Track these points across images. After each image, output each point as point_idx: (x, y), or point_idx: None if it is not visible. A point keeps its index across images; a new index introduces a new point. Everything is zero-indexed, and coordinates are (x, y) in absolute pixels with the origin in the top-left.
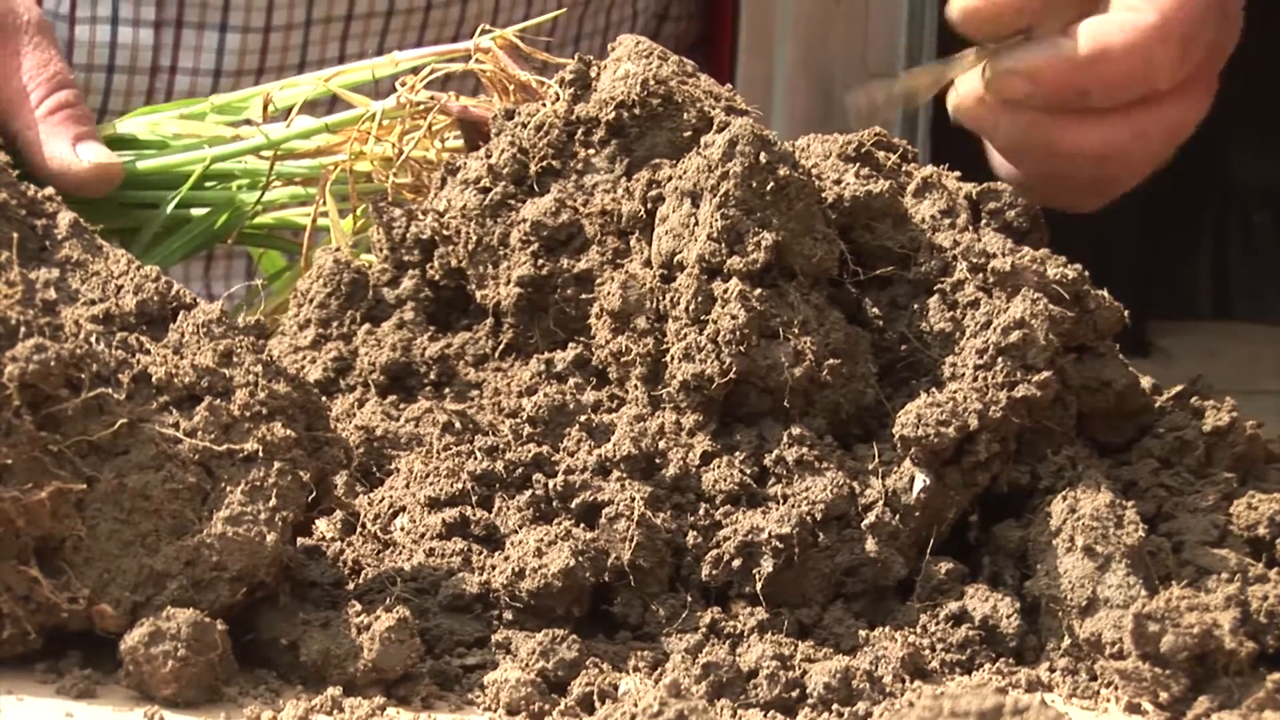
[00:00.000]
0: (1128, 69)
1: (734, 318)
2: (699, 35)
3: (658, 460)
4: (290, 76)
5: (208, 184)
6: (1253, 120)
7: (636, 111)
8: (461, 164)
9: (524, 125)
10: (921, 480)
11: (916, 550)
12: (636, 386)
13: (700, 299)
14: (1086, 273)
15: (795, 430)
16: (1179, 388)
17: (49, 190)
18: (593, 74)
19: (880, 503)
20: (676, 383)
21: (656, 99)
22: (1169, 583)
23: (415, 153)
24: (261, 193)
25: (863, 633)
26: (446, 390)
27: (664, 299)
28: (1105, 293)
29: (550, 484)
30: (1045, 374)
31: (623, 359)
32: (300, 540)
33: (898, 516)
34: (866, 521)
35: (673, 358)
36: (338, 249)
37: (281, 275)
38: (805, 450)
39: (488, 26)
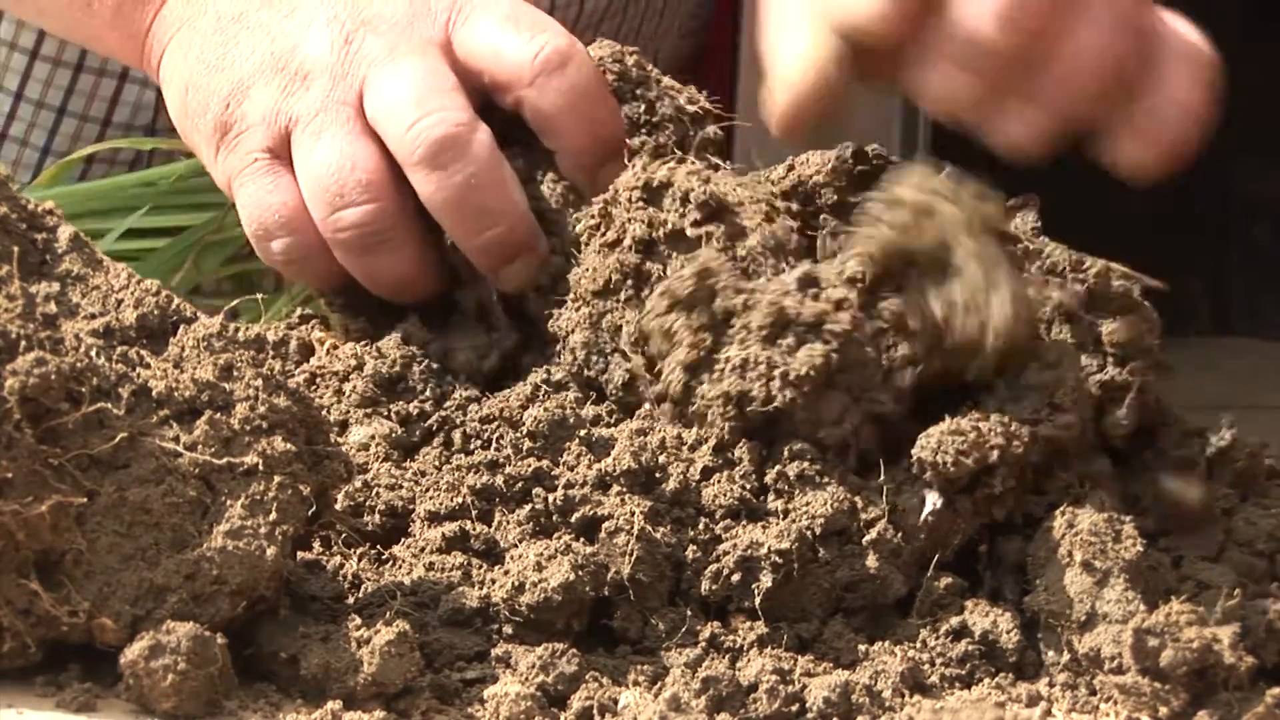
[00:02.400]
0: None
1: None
2: (695, 53)
3: (658, 474)
4: None
5: None
6: (1253, 135)
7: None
8: None
9: None
10: (932, 502)
11: (918, 568)
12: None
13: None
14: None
15: (796, 445)
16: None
17: (49, 204)
18: None
19: (882, 520)
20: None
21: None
22: (1169, 598)
23: None
24: None
25: (862, 647)
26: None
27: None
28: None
29: (550, 498)
30: (1070, 416)
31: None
32: (300, 554)
33: (900, 534)
34: (868, 538)
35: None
36: None
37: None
38: (806, 465)
39: None
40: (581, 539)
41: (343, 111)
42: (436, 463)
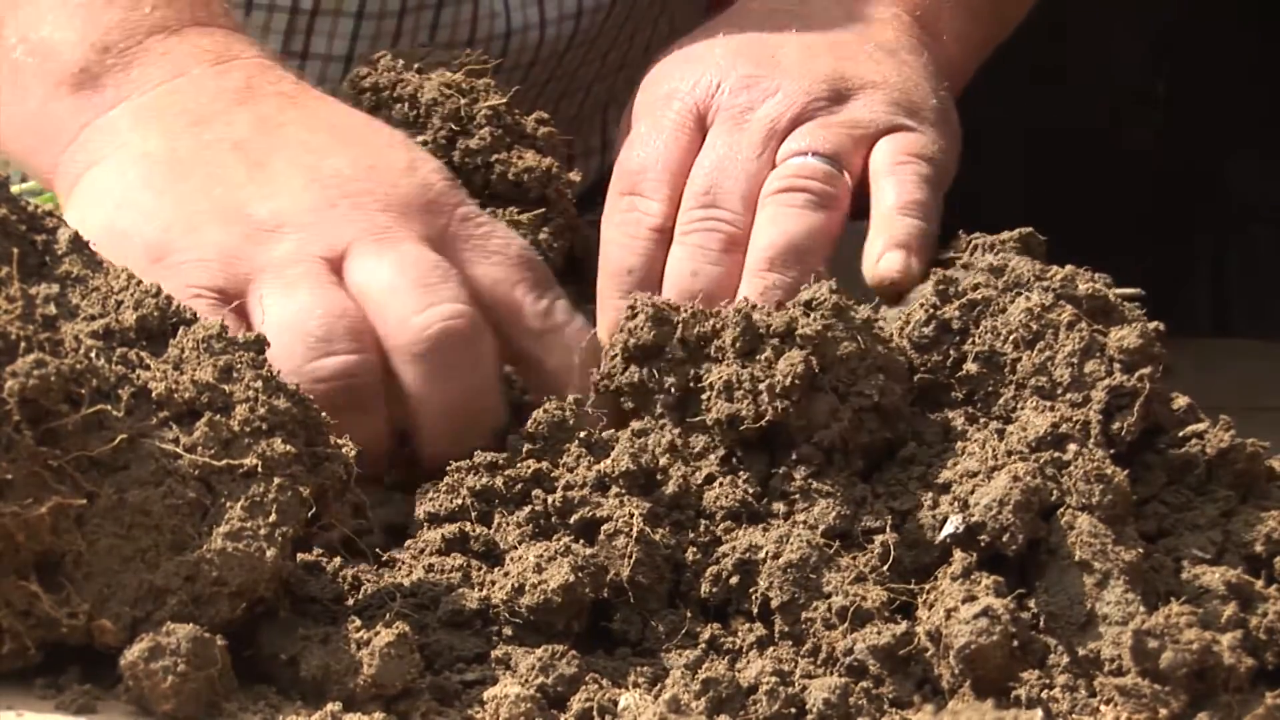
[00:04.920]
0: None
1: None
2: None
3: (657, 476)
4: None
5: None
6: (1252, 134)
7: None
8: None
9: None
10: (953, 525)
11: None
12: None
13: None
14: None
15: (803, 449)
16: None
17: (49, 205)
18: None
19: (886, 527)
20: (710, 419)
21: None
22: (1168, 599)
23: None
24: None
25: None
26: None
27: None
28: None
29: (550, 500)
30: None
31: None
32: (300, 555)
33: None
34: (871, 544)
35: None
36: None
37: None
38: (809, 469)
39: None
40: (581, 541)
41: (318, 265)
42: None
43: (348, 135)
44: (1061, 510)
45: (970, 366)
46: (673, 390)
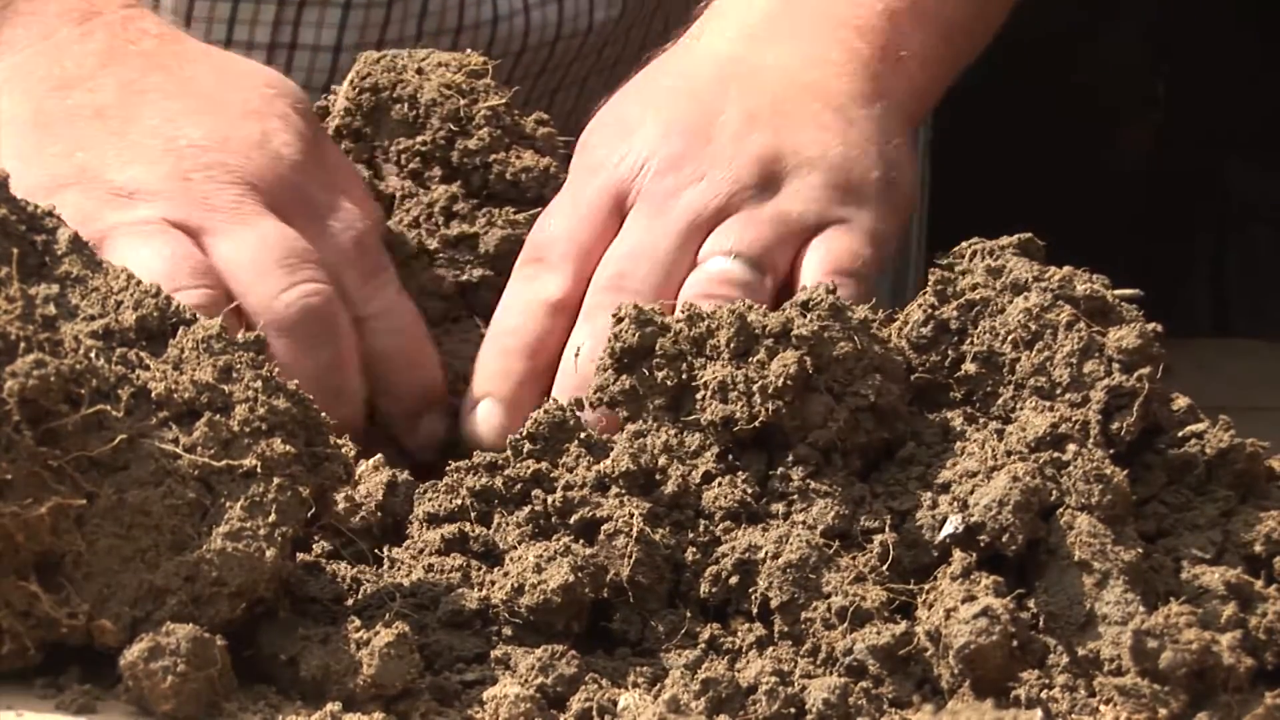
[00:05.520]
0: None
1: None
2: None
3: (657, 476)
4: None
5: None
6: (1250, 135)
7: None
8: None
9: None
10: (953, 525)
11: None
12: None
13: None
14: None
15: (801, 450)
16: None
17: (49, 205)
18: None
19: (886, 527)
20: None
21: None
22: (1168, 599)
23: None
24: None
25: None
26: None
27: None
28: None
29: (549, 500)
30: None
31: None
32: (300, 556)
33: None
34: (870, 544)
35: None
36: None
37: None
38: (807, 470)
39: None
40: (581, 541)
41: (171, 227)
42: None
43: (206, 101)
44: (1061, 510)
45: (969, 367)
46: (667, 383)
